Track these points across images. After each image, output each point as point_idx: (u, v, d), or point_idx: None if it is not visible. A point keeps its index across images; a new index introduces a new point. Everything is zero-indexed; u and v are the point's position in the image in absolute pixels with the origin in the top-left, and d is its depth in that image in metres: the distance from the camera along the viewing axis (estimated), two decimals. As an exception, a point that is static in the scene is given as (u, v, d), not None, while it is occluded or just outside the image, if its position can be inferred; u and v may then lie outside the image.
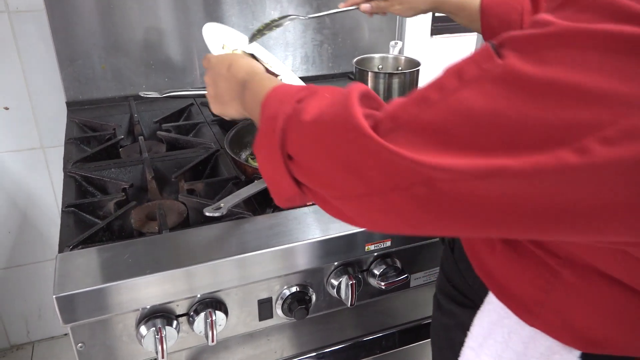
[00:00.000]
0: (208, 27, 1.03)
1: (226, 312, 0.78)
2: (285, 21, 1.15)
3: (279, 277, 0.80)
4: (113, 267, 0.71)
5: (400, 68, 1.36)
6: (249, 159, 1.06)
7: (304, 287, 0.83)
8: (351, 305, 0.84)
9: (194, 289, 0.74)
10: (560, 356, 0.54)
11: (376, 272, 0.86)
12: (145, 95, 1.09)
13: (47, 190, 1.58)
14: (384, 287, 0.86)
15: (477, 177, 0.38)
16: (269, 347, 0.91)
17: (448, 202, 0.40)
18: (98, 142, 1.14)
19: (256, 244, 0.76)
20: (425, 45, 1.79)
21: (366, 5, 1.06)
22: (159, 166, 1.02)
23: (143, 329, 0.73)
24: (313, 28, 1.51)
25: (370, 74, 1.27)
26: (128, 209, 0.86)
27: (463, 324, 0.63)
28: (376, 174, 0.43)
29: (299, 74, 1.54)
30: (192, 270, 0.72)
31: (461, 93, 0.39)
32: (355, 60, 1.33)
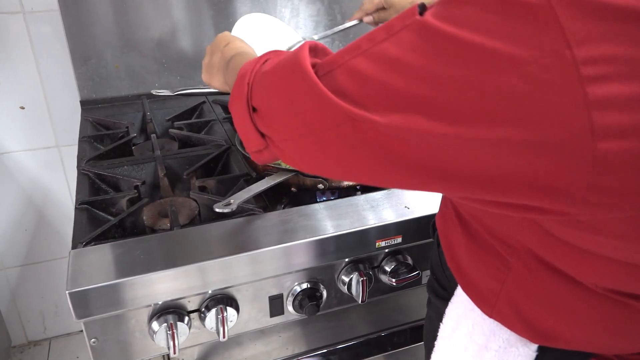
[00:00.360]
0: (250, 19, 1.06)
1: (237, 309, 0.78)
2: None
3: (290, 273, 0.80)
4: (125, 263, 0.72)
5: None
6: (260, 156, 1.07)
7: (314, 283, 0.83)
8: (362, 302, 0.84)
9: (205, 285, 0.74)
10: (516, 349, 0.55)
11: (387, 268, 0.86)
12: (158, 94, 1.10)
13: (63, 188, 1.60)
14: (395, 284, 0.86)
15: (388, 130, 0.42)
16: (280, 343, 0.91)
17: (367, 144, 0.44)
18: (111, 140, 1.15)
19: (267, 241, 0.76)
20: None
21: (369, 18, 1.12)
22: (171, 164, 1.03)
23: (155, 325, 0.74)
24: (324, 25, 1.50)
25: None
26: (140, 206, 0.87)
27: (440, 315, 0.64)
28: (312, 114, 0.47)
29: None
30: (204, 266, 0.73)
31: (383, 44, 0.43)
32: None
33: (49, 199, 1.60)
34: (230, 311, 0.77)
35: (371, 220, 0.81)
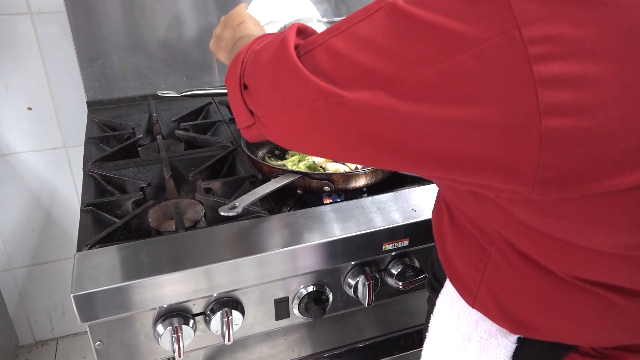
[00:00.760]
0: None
1: (242, 312, 0.78)
2: None
3: (296, 276, 0.80)
4: (130, 266, 0.72)
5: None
6: (266, 157, 1.06)
7: (320, 286, 0.82)
8: (368, 305, 0.83)
9: (210, 288, 0.74)
10: (497, 340, 0.56)
11: (394, 271, 0.85)
12: (163, 95, 1.09)
13: (70, 189, 1.60)
14: (401, 287, 0.85)
15: (356, 105, 0.43)
16: (286, 346, 0.91)
17: (337, 120, 0.46)
18: (117, 142, 1.15)
19: (272, 243, 0.76)
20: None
21: None
22: (176, 165, 1.02)
23: (160, 328, 0.74)
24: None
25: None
26: (145, 208, 0.86)
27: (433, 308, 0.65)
28: (290, 90, 0.50)
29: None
30: (209, 269, 0.72)
31: (358, 24, 0.45)
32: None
33: (56, 200, 1.61)
34: (236, 314, 0.76)
35: (378, 222, 0.81)
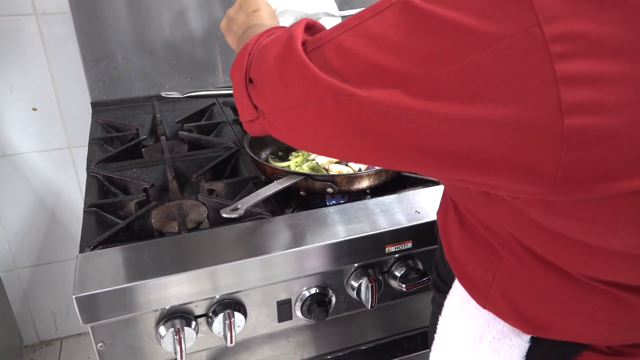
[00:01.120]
0: None
1: (245, 314, 0.78)
2: None
3: (298, 278, 0.79)
4: (133, 268, 0.72)
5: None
6: (269, 158, 1.06)
7: (323, 288, 0.82)
8: (371, 308, 0.82)
9: (212, 290, 0.73)
10: (509, 340, 0.55)
11: (397, 274, 0.85)
12: (167, 96, 1.09)
13: (75, 189, 1.61)
14: (405, 289, 0.84)
15: (369, 104, 0.42)
16: (289, 348, 0.90)
17: (348, 119, 0.45)
18: (121, 142, 1.15)
19: (275, 245, 0.76)
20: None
21: None
22: (180, 166, 1.02)
23: (162, 330, 0.74)
24: (335, 26, 1.49)
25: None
26: (148, 209, 0.86)
27: (441, 309, 0.64)
28: (297, 87, 0.49)
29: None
30: (211, 271, 0.72)
31: (368, 21, 0.44)
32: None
33: (61, 200, 1.61)
34: (238, 316, 0.76)
35: (381, 224, 0.80)
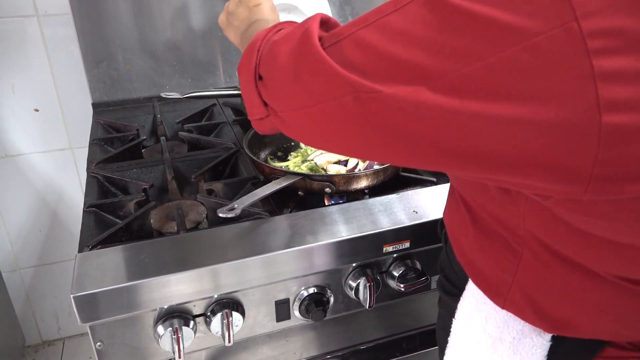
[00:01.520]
0: None
1: (243, 313, 0.78)
2: None
3: (297, 278, 0.80)
4: (131, 267, 0.72)
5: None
6: (268, 158, 1.06)
7: (321, 288, 0.82)
8: (369, 307, 0.82)
9: (211, 289, 0.74)
10: (531, 339, 0.55)
11: (395, 273, 0.85)
12: (167, 96, 1.10)
13: (76, 190, 1.61)
14: (403, 289, 0.84)
15: (392, 101, 0.41)
16: (288, 348, 0.91)
17: (369, 116, 0.43)
18: (121, 143, 1.15)
19: (273, 245, 0.76)
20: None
21: None
22: (179, 166, 1.02)
23: (160, 329, 0.74)
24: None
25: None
26: (147, 209, 0.87)
27: (452, 312, 0.64)
28: (315, 84, 0.47)
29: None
30: (209, 270, 0.72)
31: (390, 16, 0.43)
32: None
33: (63, 201, 1.62)
34: (236, 316, 0.76)
35: (379, 224, 0.80)
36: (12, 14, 1.34)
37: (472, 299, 0.60)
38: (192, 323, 0.75)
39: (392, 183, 0.95)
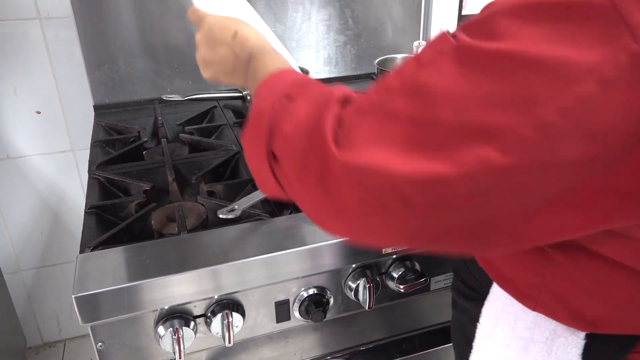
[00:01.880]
0: None
1: (243, 314, 0.78)
2: None
3: (296, 279, 0.80)
4: (132, 268, 0.72)
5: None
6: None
7: (321, 289, 0.83)
8: (369, 308, 0.83)
9: (211, 290, 0.74)
10: (564, 339, 0.54)
11: (395, 275, 0.85)
12: (169, 99, 1.10)
13: (78, 191, 1.62)
14: (402, 291, 0.85)
15: (449, 183, 0.35)
16: (288, 349, 0.91)
17: (427, 212, 0.37)
18: (122, 145, 1.16)
19: (273, 246, 0.76)
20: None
21: None
22: (180, 168, 1.03)
23: (161, 329, 0.74)
24: (336, 29, 1.50)
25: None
26: (148, 210, 0.87)
27: (474, 317, 0.63)
28: (345, 192, 0.39)
29: (321, 76, 1.54)
30: (210, 271, 0.73)
31: (418, 76, 0.39)
32: (377, 61, 1.32)
33: (65, 202, 1.63)
34: (236, 316, 0.77)
35: (378, 226, 0.80)
36: (14, 16, 1.35)
37: (499, 302, 0.59)
38: (192, 324, 0.76)
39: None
